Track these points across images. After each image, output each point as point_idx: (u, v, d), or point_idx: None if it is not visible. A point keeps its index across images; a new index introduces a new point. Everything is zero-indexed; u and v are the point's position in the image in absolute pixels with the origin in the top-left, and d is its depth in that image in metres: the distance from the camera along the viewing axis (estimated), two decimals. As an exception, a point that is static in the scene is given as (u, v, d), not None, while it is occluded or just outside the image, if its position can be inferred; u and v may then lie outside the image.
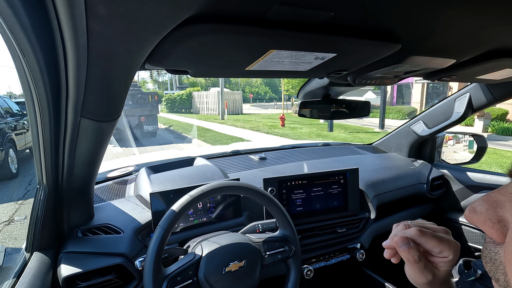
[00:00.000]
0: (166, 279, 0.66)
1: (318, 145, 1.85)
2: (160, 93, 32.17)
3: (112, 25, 0.34)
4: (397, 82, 0.84)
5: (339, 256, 1.15)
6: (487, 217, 0.28)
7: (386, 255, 0.49)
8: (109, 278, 0.77)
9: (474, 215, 0.29)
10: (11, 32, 0.38)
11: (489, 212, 0.28)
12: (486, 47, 0.59)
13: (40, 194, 0.71)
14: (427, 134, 1.48)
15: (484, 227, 0.28)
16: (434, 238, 0.43)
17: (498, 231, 0.27)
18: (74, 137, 0.61)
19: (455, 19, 0.43)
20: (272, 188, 1.02)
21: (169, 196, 0.88)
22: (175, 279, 0.67)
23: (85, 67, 0.42)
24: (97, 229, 0.85)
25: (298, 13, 0.37)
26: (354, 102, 1.04)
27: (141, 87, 13.04)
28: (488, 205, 0.28)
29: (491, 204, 0.28)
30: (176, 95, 22.41)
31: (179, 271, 0.68)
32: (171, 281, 0.66)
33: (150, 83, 45.62)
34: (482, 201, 0.29)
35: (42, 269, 0.70)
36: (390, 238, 0.47)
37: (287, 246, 0.82)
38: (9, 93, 29.21)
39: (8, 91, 42.24)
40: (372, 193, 1.22)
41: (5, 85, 63.41)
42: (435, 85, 13.97)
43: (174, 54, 0.44)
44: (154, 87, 43.62)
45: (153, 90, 41.69)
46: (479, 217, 0.29)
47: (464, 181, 1.44)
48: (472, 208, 0.29)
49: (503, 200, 0.28)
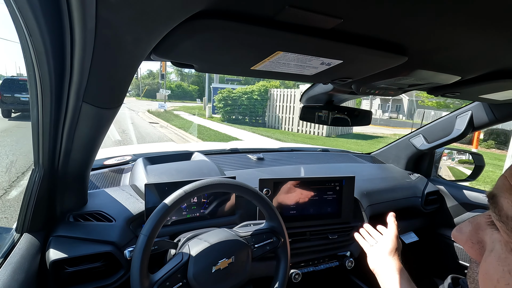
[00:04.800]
0: (154, 286, 0.65)
1: (316, 150, 1.85)
2: (192, 88, 28.33)
3: (121, 13, 0.34)
4: (401, 94, 0.85)
5: (328, 262, 1.15)
6: (469, 237, 0.31)
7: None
8: (97, 265, 0.77)
9: (459, 234, 0.33)
10: (20, 11, 0.38)
11: (472, 233, 0.31)
12: (492, 67, 0.59)
13: (35, 176, 0.70)
14: (426, 149, 1.49)
15: (466, 246, 0.32)
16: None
17: (477, 251, 0.30)
18: (74, 122, 0.61)
19: (464, 37, 0.43)
20: (267, 189, 1.02)
21: (164, 188, 0.88)
22: (163, 284, 0.66)
23: (91, 53, 0.42)
24: (89, 215, 0.85)
25: (308, 17, 0.37)
26: (356, 111, 1.04)
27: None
28: (472, 226, 0.32)
29: (475, 226, 0.31)
30: (240, 92, 12.53)
31: (167, 276, 0.67)
32: (160, 287, 0.65)
33: (173, 74, 42.95)
34: (468, 222, 0.32)
35: (31, 251, 0.70)
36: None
37: (274, 237, 0.83)
38: (19, 74, 29.22)
39: (18, 72, 42.01)
40: (366, 203, 1.22)
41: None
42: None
43: (181, 47, 0.43)
44: (177, 79, 41.07)
45: (177, 82, 38.99)
46: (462, 237, 0.32)
47: (458, 198, 1.44)
48: (459, 228, 0.33)
49: (484, 222, 0.30)
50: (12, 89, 9.39)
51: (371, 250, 0.83)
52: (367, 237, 0.89)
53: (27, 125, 0.70)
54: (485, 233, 0.30)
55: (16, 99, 9.46)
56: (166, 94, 20.37)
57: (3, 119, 9.19)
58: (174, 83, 39.71)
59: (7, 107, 9.58)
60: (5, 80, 10.08)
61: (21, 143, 5.71)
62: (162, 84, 35.61)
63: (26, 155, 4.73)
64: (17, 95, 9.41)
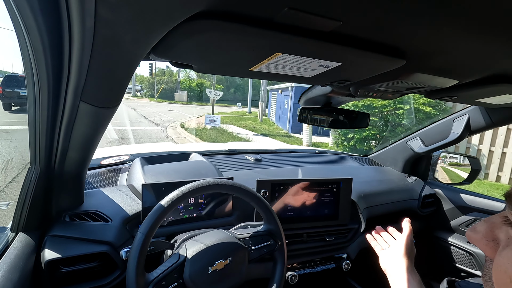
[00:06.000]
0: (150, 284, 0.65)
1: (314, 152, 1.85)
2: (216, 87, 16.43)
3: (120, 12, 0.34)
4: (398, 97, 0.85)
5: (325, 264, 1.15)
6: (484, 235, 0.33)
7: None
8: (92, 265, 0.76)
9: (473, 234, 0.34)
10: (18, 9, 0.38)
11: (487, 231, 0.33)
12: (489, 71, 0.60)
13: (31, 174, 0.70)
14: (423, 152, 1.49)
15: (480, 244, 0.33)
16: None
17: (492, 249, 0.32)
18: (71, 121, 0.61)
19: (462, 41, 0.43)
20: (265, 191, 1.02)
21: (161, 188, 0.88)
22: (159, 283, 0.66)
23: (89, 52, 0.42)
24: (85, 215, 0.84)
25: (307, 19, 0.37)
26: (354, 113, 1.05)
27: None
28: (487, 225, 0.33)
29: (490, 225, 0.33)
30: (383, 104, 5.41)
31: (163, 275, 0.67)
32: (156, 286, 0.65)
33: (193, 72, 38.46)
34: (483, 221, 0.34)
35: (26, 250, 0.69)
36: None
37: (272, 240, 0.83)
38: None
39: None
40: (363, 205, 1.22)
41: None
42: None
43: (180, 47, 0.43)
44: (199, 77, 34.31)
45: (199, 81, 32.79)
46: (477, 236, 0.33)
47: (455, 201, 1.45)
48: (473, 228, 0.34)
49: (499, 222, 0.32)
50: (13, 85, 10.31)
51: (383, 253, 0.80)
52: (379, 239, 0.85)
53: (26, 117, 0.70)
54: (500, 231, 0.31)
55: (16, 93, 10.39)
56: (215, 97, 11.68)
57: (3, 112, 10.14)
58: (195, 81, 33.02)
59: (8, 101, 10.48)
60: (6, 76, 11.21)
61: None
62: (181, 83, 29.90)
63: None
64: (17, 90, 10.34)
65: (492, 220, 0.33)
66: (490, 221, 0.33)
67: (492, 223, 0.32)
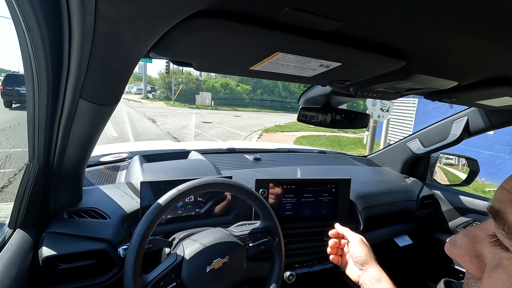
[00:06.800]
0: (148, 286, 0.64)
1: (313, 152, 1.85)
2: (242, 88, 14.21)
3: (121, 9, 0.34)
4: (398, 98, 0.85)
5: (322, 264, 1.16)
6: (466, 251, 0.29)
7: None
8: (90, 262, 0.76)
9: (454, 249, 0.30)
10: (18, 5, 0.38)
11: (468, 247, 0.29)
12: (489, 73, 0.60)
13: (29, 171, 0.70)
14: (422, 153, 1.50)
15: (463, 261, 0.29)
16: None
17: (476, 266, 0.28)
18: (70, 118, 0.61)
19: (462, 43, 0.43)
20: (263, 190, 1.02)
21: (160, 186, 0.88)
22: (157, 284, 0.65)
23: (89, 49, 0.42)
24: (83, 212, 0.84)
25: (308, 19, 0.37)
26: (353, 113, 1.05)
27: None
28: (468, 239, 0.29)
29: (471, 239, 0.29)
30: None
31: (161, 276, 0.66)
32: (154, 287, 0.65)
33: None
34: (462, 235, 0.30)
35: (23, 247, 0.69)
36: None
37: (269, 236, 0.83)
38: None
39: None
40: (361, 205, 1.22)
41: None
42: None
43: (180, 45, 0.43)
44: (223, 75, 26.60)
45: (223, 80, 26.88)
46: (459, 251, 0.30)
47: (453, 202, 1.45)
48: (453, 241, 0.30)
49: (482, 236, 0.28)
50: (13, 83, 10.94)
51: (347, 268, 0.81)
52: (339, 250, 0.87)
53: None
54: (483, 246, 0.28)
55: (16, 91, 10.99)
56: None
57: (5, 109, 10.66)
58: (219, 81, 27.45)
59: (9, 99, 11.08)
60: (7, 74, 11.85)
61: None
62: (202, 83, 23.57)
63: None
64: (17, 88, 10.97)
65: (473, 233, 0.29)
66: (470, 235, 0.29)
67: (474, 237, 0.29)
